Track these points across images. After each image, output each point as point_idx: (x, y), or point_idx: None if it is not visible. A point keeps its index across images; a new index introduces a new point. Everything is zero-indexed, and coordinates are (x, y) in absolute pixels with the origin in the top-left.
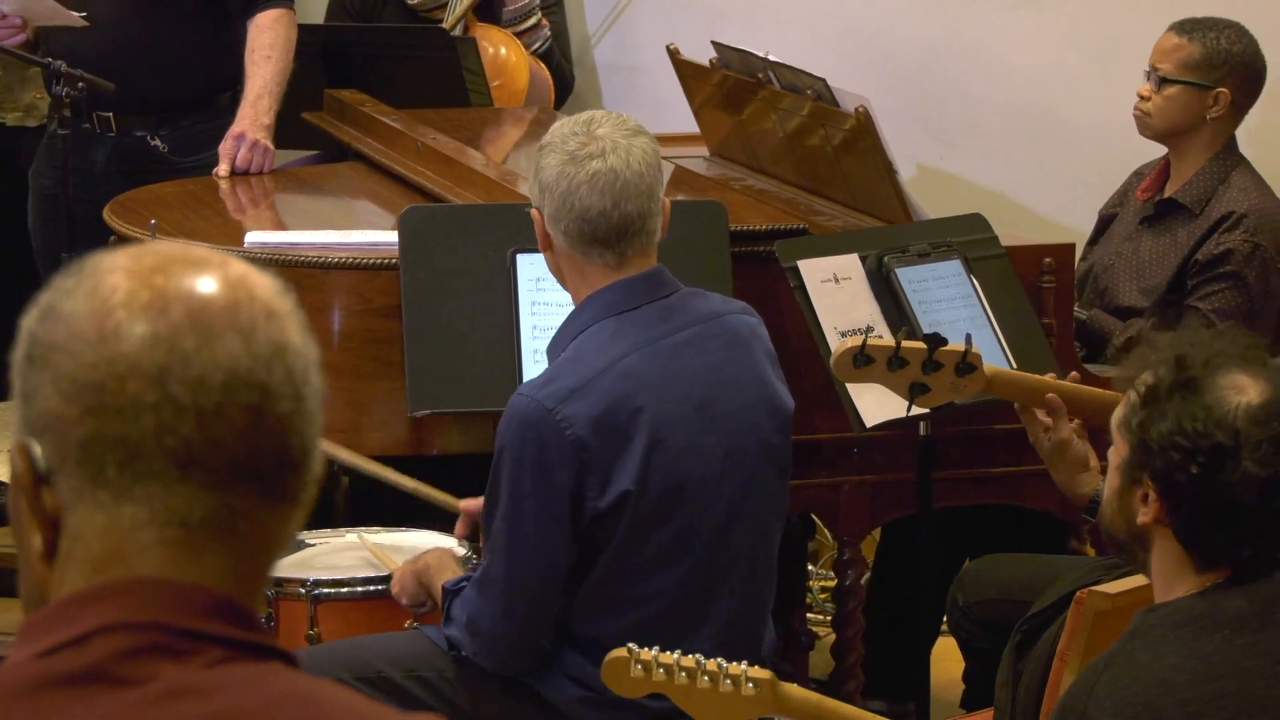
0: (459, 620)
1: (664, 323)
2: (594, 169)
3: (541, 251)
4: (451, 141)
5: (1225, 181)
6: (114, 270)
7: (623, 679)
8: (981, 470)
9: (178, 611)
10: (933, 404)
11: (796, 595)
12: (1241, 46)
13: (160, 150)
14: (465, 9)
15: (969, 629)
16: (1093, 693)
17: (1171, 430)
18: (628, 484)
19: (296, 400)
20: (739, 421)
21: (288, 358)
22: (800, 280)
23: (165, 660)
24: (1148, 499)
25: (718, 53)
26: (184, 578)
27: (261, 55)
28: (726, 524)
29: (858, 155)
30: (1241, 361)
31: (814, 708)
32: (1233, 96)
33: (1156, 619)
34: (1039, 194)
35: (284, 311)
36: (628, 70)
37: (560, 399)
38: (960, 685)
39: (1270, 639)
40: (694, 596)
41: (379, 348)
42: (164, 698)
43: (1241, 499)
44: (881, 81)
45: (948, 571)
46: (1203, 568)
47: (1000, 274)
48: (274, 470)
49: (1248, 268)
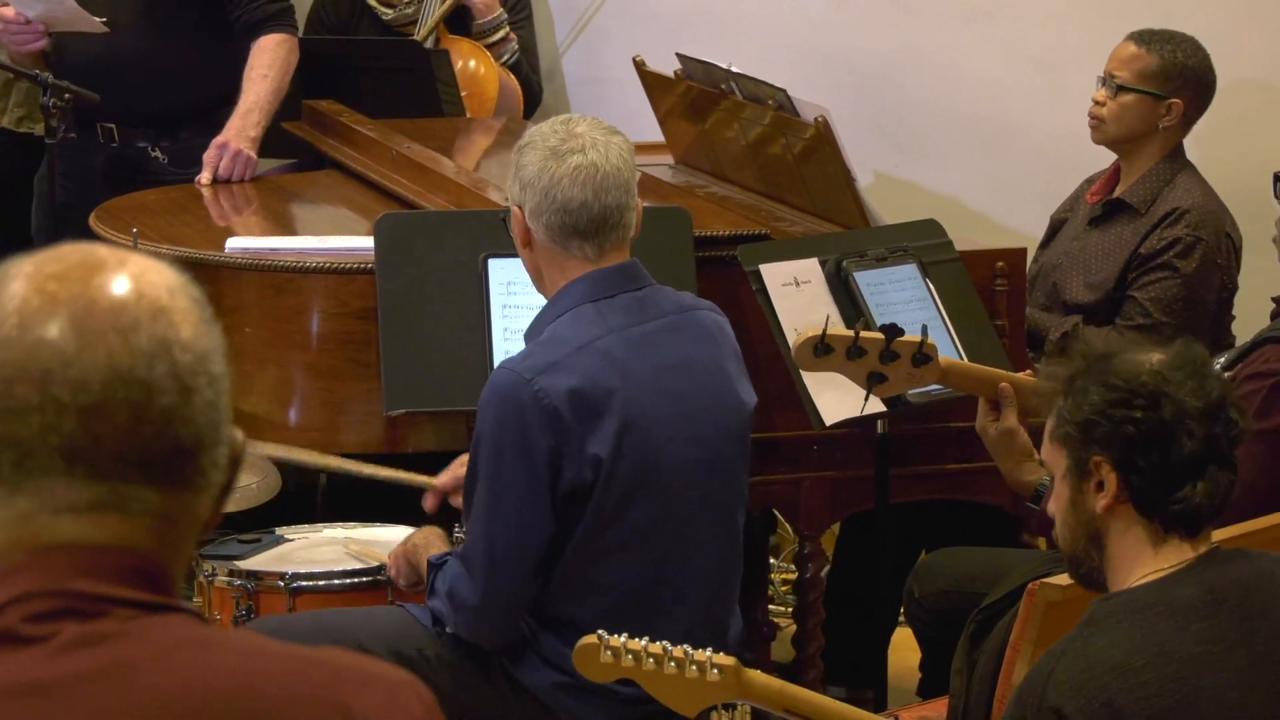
0: (441, 592)
1: (638, 312)
2: (575, 163)
3: (519, 251)
4: (425, 150)
5: (1171, 183)
6: (17, 277)
7: (593, 664)
8: (936, 466)
9: (86, 577)
10: (889, 393)
11: (759, 587)
12: (1196, 60)
13: (160, 161)
14: (436, 21)
15: (925, 619)
16: (1050, 677)
17: (1101, 396)
18: (602, 454)
19: (183, 393)
20: (708, 411)
21: (173, 353)
22: (762, 283)
23: (70, 620)
24: (1102, 484)
25: (682, 64)
26: (89, 541)
27: (259, 74)
28: (696, 510)
29: (817, 163)
30: (1137, 343)
31: (776, 693)
32: (1185, 108)
33: (1111, 607)
34: (991, 200)
35: (176, 307)
36: (595, 81)
37: (538, 371)
38: (917, 674)
39: (1220, 626)
40: (664, 581)
41: (355, 349)
42: (63, 649)
43: (1186, 433)
44: (840, 92)
45: (904, 564)
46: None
47: (954, 277)
48: (162, 459)
49: (1187, 259)
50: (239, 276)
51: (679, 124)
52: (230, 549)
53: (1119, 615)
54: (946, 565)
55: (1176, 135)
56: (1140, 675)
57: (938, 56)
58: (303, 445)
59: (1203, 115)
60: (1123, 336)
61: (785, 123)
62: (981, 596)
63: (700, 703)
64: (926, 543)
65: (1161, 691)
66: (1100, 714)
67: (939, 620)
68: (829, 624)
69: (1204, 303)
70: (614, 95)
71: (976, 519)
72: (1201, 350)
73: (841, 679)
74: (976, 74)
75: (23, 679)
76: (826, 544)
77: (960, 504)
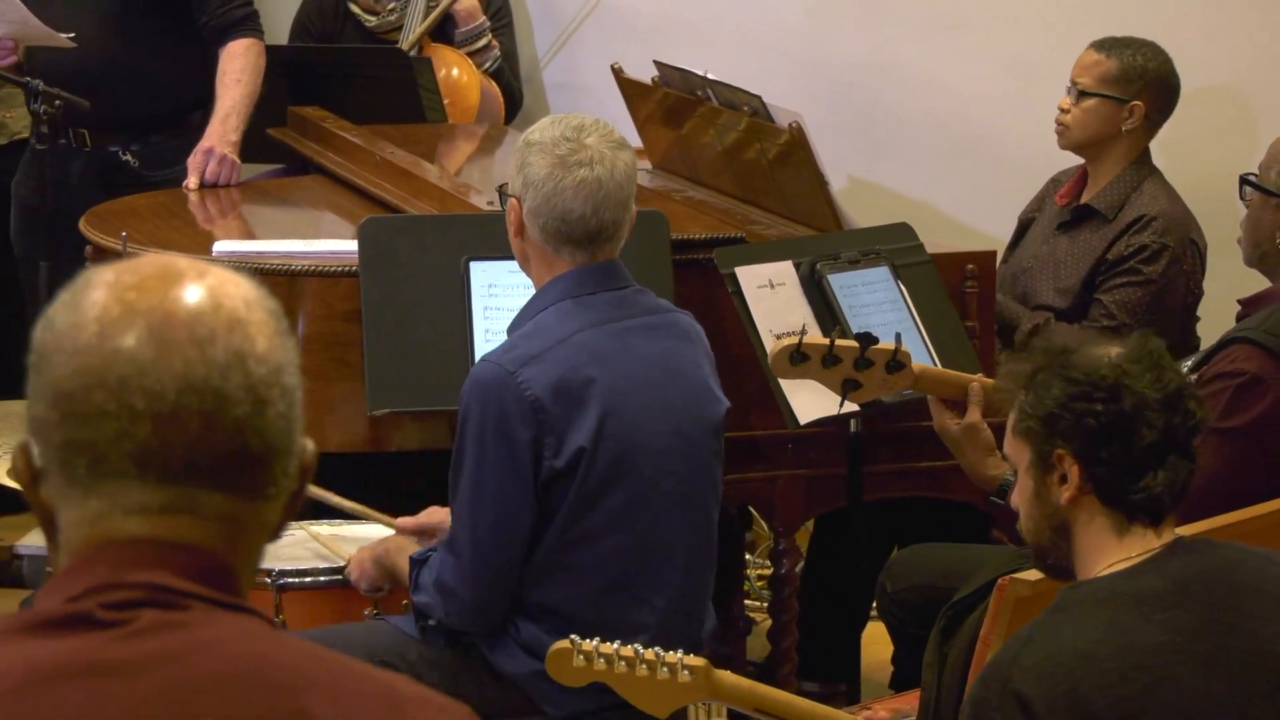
0: (427, 584)
1: (617, 308)
2: (581, 176)
3: (511, 237)
4: (408, 155)
5: (1138, 189)
6: (98, 286)
7: (566, 669)
8: (908, 465)
9: (161, 571)
10: (864, 399)
11: (735, 583)
12: (1157, 64)
13: (131, 165)
14: (422, 32)
15: (897, 614)
16: (1015, 662)
17: (1064, 389)
18: (583, 442)
19: (256, 404)
20: (684, 403)
21: (247, 365)
22: (738, 286)
23: (149, 609)
24: (1066, 476)
25: (659, 71)
26: (162, 538)
27: (232, 79)
28: (671, 498)
29: (792, 168)
30: (1096, 338)
31: (746, 692)
32: (1147, 110)
33: (1078, 595)
34: (961, 204)
35: (252, 320)
36: (574, 88)
37: (520, 363)
38: (889, 667)
39: (1183, 616)
40: (640, 567)
41: (340, 350)
42: (141, 633)
43: (1146, 423)
44: (814, 99)
45: (877, 560)
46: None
47: (926, 279)
48: (232, 467)
49: (1153, 265)
50: None
51: (656, 130)
52: None
53: (1085, 604)
54: (918, 561)
55: (1141, 139)
56: (1104, 664)
57: (909, 64)
58: None
59: (1167, 119)
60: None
61: (760, 128)
62: (952, 592)
63: (672, 704)
64: (899, 539)
65: (1125, 680)
66: (1063, 701)
67: (911, 615)
68: (803, 619)
69: (1169, 308)
70: (592, 102)
71: (948, 516)
72: (1159, 343)
73: (816, 673)
74: (946, 81)
75: (100, 658)
76: (801, 540)
77: (932, 501)
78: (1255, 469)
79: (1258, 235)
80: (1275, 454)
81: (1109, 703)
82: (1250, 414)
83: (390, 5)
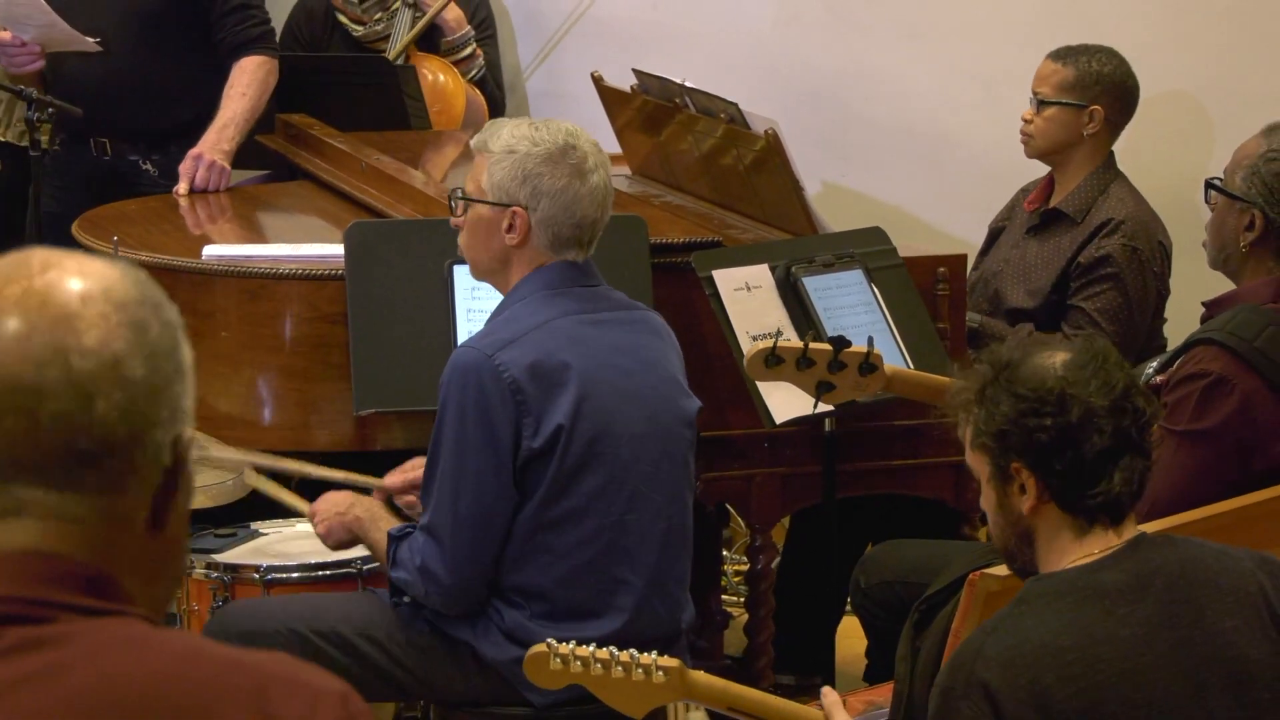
0: (408, 564)
1: (590, 302)
2: (594, 183)
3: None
4: (393, 162)
5: (1104, 193)
6: None
7: (543, 672)
8: (881, 463)
9: (22, 582)
10: (837, 401)
11: (712, 578)
12: (1112, 68)
13: (151, 174)
14: (407, 42)
15: (870, 609)
16: (980, 652)
17: (1013, 405)
18: (561, 420)
19: (80, 399)
20: (657, 392)
21: (69, 360)
22: (715, 289)
23: (14, 625)
24: (1024, 487)
25: (638, 80)
26: (11, 546)
27: (238, 92)
28: (647, 484)
29: (767, 174)
30: (1042, 345)
31: (719, 691)
32: (1106, 114)
33: (1042, 588)
34: (933, 209)
35: (85, 313)
36: (557, 96)
37: (498, 348)
38: (863, 660)
39: (1143, 611)
40: (617, 548)
41: (327, 352)
42: (11, 650)
43: (1096, 430)
44: (789, 106)
45: (851, 556)
46: (1083, 530)
47: (898, 282)
48: (61, 465)
49: (1126, 270)
50: (216, 283)
51: (635, 136)
52: (207, 542)
53: (1048, 597)
54: (891, 557)
55: (1104, 143)
56: (1065, 655)
57: (881, 73)
58: (276, 444)
59: (1128, 121)
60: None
61: (736, 135)
62: (924, 587)
63: (647, 704)
64: (872, 535)
65: (1086, 671)
66: (1026, 691)
67: (884, 609)
68: (779, 613)
69: (1144, 310)
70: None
71: (920, 513)
72: (1104, 344)
73: (791, 666)
74: (917, 89)
75: None
76: (777, 537)
77: (904, 498)
78: (1226, 468)
79: (1222, 238)
80: (1245, 452)
81: (1069, 693)
82: (1219, 415)
83: (377, 15)
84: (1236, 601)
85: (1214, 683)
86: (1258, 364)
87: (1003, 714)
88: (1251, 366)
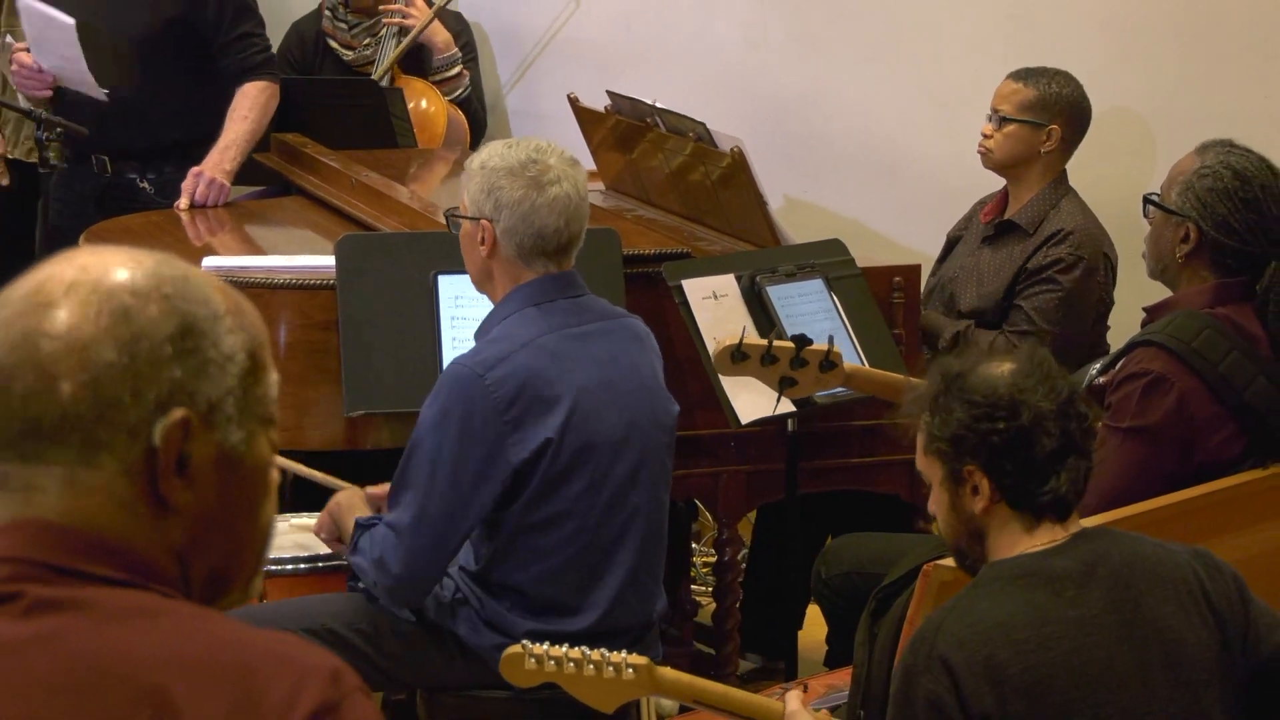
0: (367, 553)
1: (575, 314)
2: (554, 194)
3: (476, 257)
4: (381, 178)
5: (1056, 206)
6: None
7: (519, 672)
8: (840, 461)
9: (39, 548)
10: (799, 395)
11: (682, 570)
12: (1070, 90)
13: (148, 191)
14: (391, 62)
15: (831, 598)
16: (940, 630)
17: (965, 412)
18: (549, 434)
19: (42, 379)
20: (637, 399)
21: (36, 343)
22: (684, 297)
23: (32, 584)
24: (977, 488)
25: (612, 100)
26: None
27: (240, 115)
28: (627, 486)
29: (734, 189)
30: (986, 356)
31: (686, 686)
32: (1063, 133)
33: (997, 572)
34: (889, 222)
35: (66, 301)
36: (534, 116)
37: (489, 367)
38: (824, 646)
39: (1091, 594)
40: (597, 547)
41: (319, 357)
42: (32, 609)
43: (1044, 433)
44: (754, 125)
45: (813, 548)
46: (1034, 525)
47: (857, 291)
48: (28, 438)
49: (1068, 275)
50: None
51: (609, 154)
52: None
53: (1002, 580)
54: (850, 549)
55: (1059, 160)
56: (1019, 633)
57: (841, 93)
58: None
59: (1081, 140)
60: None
61: (704, 153)
62: (881, 577)
63: (617, 700)
64: (832, 529)
65: (1038, 649)
66: (981, 666)
67: (843, 598)
68: (746, 602)
69: (1082, 314)
70: (551, 128)
71: (876, 507)
72: (1044, 353)
73: (756, 651)
74: (876, 108)
75: None
76: (743, 530)
77: (862, 494)
78: (1167, 462)
79: (1159, 250)
80: (1184, 447)
81: (1021, 668)
82: (1159, 411)
83: (366, 41)
84: (1174, 589)
85: (1154, 662)
86: (1195, 364)
87: (961, 686)
88: (1189, 366)
